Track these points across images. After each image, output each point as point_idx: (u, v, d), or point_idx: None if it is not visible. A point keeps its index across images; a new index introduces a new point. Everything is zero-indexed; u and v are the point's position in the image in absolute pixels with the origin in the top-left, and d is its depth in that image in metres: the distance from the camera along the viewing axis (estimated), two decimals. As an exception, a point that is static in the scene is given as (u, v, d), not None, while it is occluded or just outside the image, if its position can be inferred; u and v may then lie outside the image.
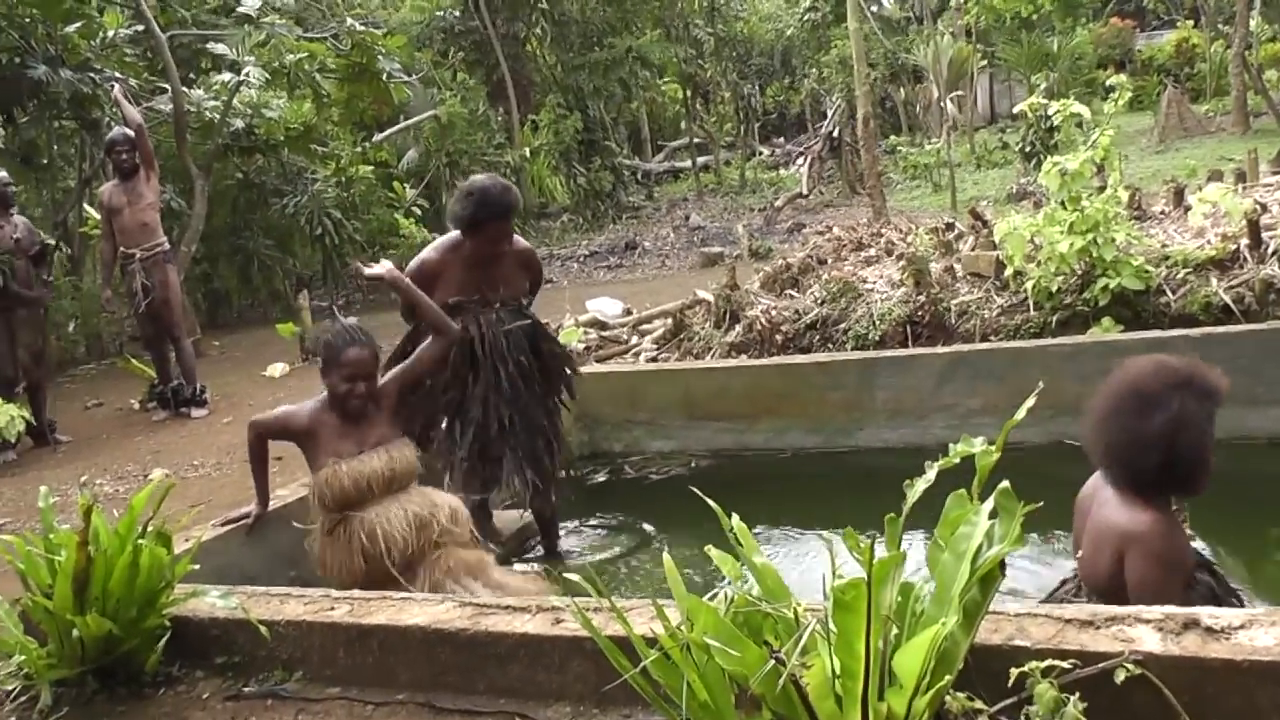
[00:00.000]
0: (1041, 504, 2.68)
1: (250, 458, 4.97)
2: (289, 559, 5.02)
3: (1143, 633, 2.63)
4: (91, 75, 13.49)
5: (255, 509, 5.05)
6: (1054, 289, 7.54)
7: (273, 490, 5.15)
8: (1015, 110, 10.93)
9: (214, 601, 3.68)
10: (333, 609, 3.62)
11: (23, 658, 3.65)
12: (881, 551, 2.48)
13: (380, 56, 18.14)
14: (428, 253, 5.80)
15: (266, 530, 5.07)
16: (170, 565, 3.76)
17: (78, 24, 13.67)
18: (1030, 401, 2.79)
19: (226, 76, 15.75)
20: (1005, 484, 2.66)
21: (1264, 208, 7.94)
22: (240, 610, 3.58)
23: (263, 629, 3.52)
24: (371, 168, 19.65)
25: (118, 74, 13.54)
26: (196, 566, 3.92)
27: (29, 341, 9.91)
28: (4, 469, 9.18)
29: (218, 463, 8.46)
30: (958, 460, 2.75)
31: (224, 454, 8.71)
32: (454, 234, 5.75)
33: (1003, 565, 2.63)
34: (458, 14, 26.97)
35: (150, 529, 3.78)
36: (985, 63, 29.92)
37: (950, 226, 9.75)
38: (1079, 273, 7.52)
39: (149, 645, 3.69)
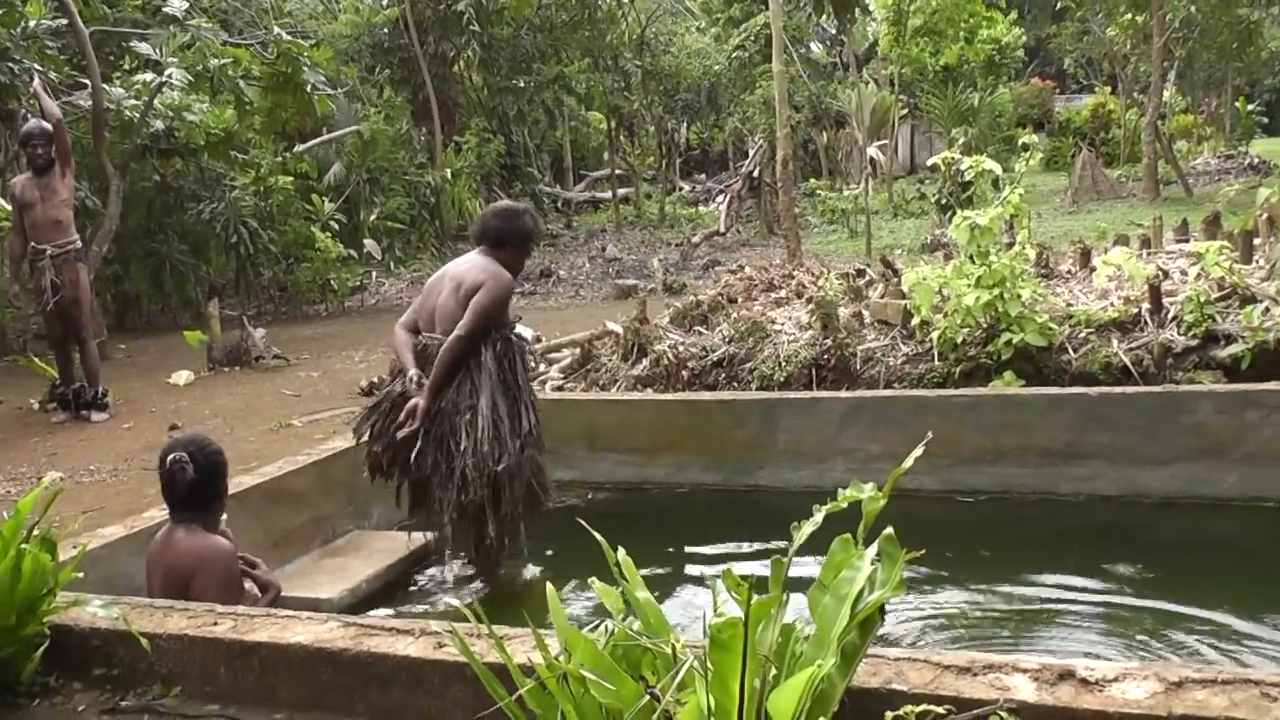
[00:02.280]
0: (924, 551, 2.71)
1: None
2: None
3: (1019, 681, 2.66)
4: (10, 65, 13.30)
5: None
6: (959, 340, 7.64)
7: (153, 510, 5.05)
8: (930, 163, 11.08)
9: (96, 611, 3.59)
10: (216, 624, 3.57)
11: (-107, 665, 3.57)
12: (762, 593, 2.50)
13: (305, 68, 18.06)
14: (507, 277, 5.89)
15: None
16: (54, 572, 3.67)
17: (-1, 11, 13.50)
18: (918, 451, 2.82)
19: (149, 76, 15.61)
20: (889, 530, 2.68)
21: (1165, 274, 8.11)
22: (122, 621, 3.51)
23: (144, 641, 3.46)
24: (291, 179, 19.47)
25: (37, 66, 13.35)
26: (81, 575, 3.84)
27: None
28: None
29: (114, 469, 8.33)
30: (845, 505, 2.77)
31: (121, 460, 8.58)
32: (489, 256, 5.97)
33: (883, 610, 2.66)
34: (387, 31, 26.88)
35: (36, 534, 3.70)
36: (907, 113, 30.29)
37: (861, 273, 9.86)
38: (984, 326, 7.63)
39: (26, 654, 3.60)
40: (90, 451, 9.05)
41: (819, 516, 2.73)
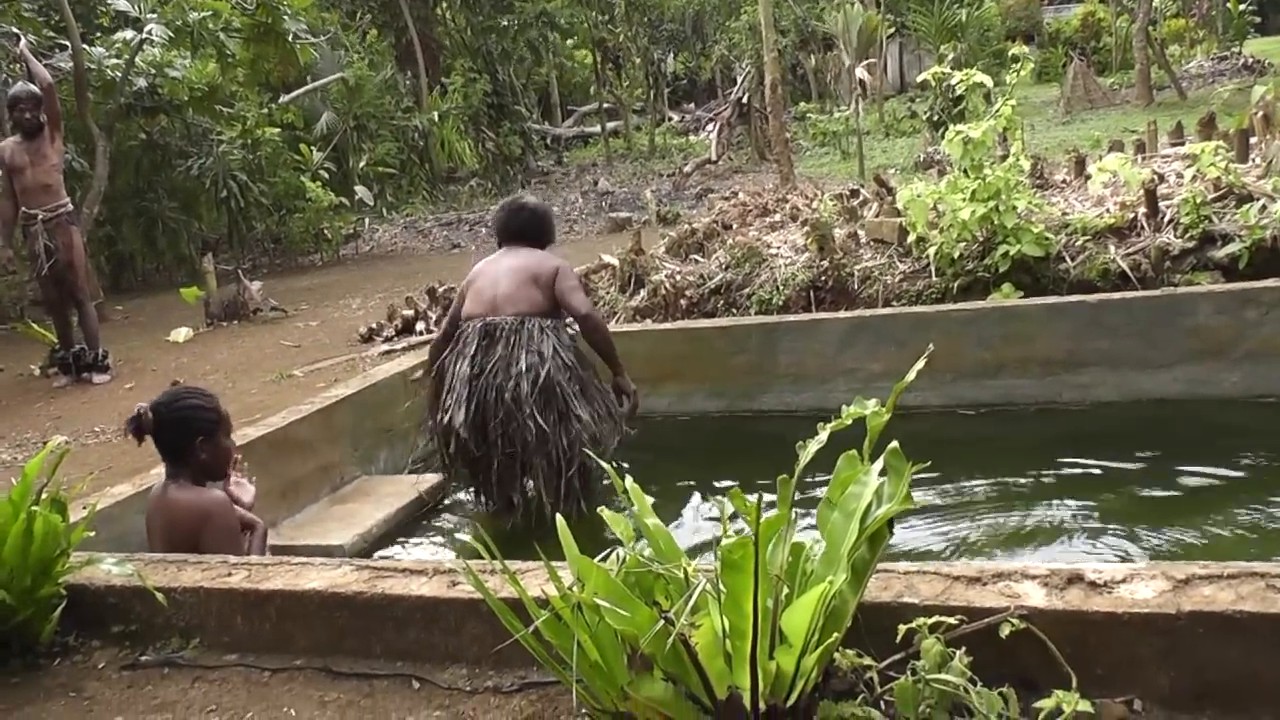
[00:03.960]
0: (930, 463, 2.72)
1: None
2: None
3: (1028, 588, 2.67)
4: (-12, 31, 13.22)
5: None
6: (956, 255, 7.63)
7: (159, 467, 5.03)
8: (920, 79, 11.04)
9: (109, 569, 3.60)
10: (230, 575, 3.58)
11: (-90, 631, 3.58)
12: (771, 511, 2.50)
13: (286, 17, 17.93)
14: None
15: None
16: (66, 532, 3.67)
17: (-27, -22, 13.41)
18: (920, 365, 2.81)
19: (128, 34, 15.51)
20: (894, 444, 2.68)
21: (1161, 178, 8.08)
22: (136, 577, 3.51)
23: (159, 596, 3.47)
24: (278, 130, 19.39)
25: (15, 29, 13.25)
26: (93, 533, 3.85)
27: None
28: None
29: (119, 429, 8.29)
30: (850, 422, 2.76)
31: (125, 420, 8.58)
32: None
33: (891, 524, 2.67)
34: (367, -25, 26.75)
35: (45, 496, 3.71)
36: (894, 32, 30.10)
37: (855, 193, 9.84)
38: (980, 239, 7.61)
39: (44, 615, 3.61)
40: (94, 413, 9.06)
41: (823, 435, 2.73)
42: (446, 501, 6.36)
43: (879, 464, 2.67)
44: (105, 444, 7.99)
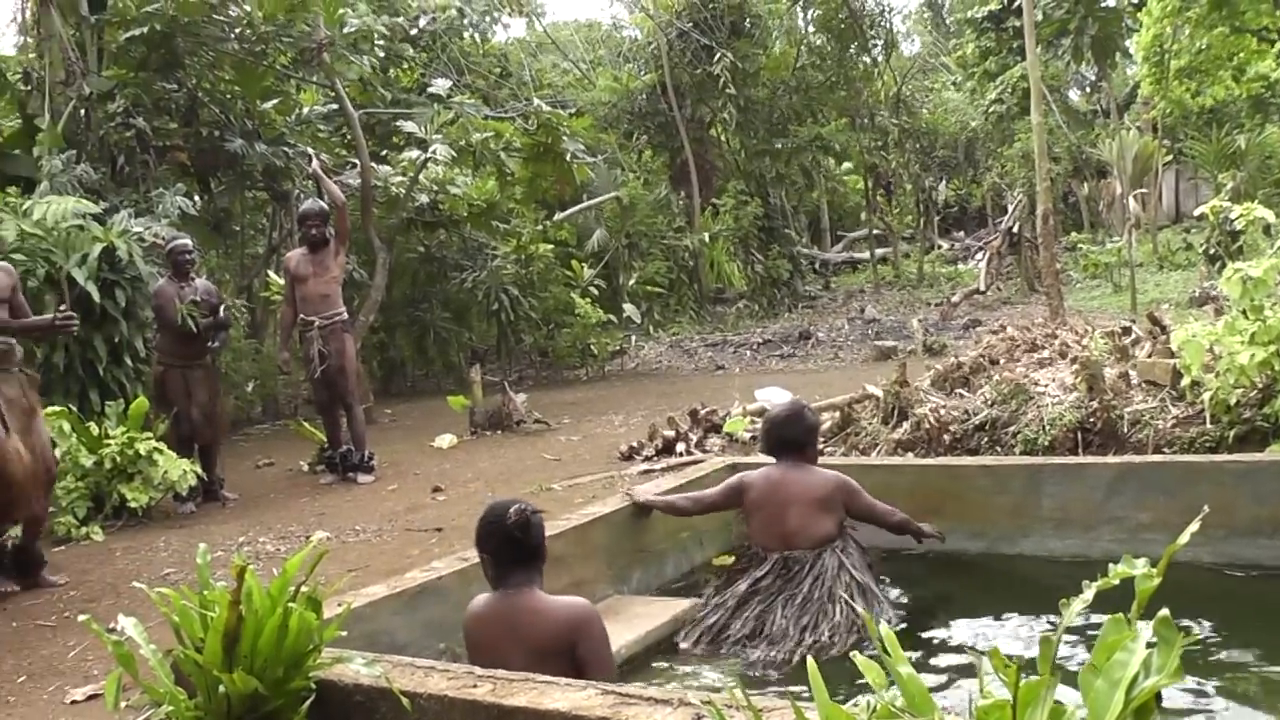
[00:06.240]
0: (1203, 637, 2.58)
1: None
2: (439, 631, 5.05)
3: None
4: (285, 149, 14.04)
5: None
6: (1232, 402, 7.31)
7: (429, 562, 5.14)
8: (1197, 212, 10.66)
9: (359, 668, 3.71)
10: (475, 686, 3.61)
11: (171, 708, 3.71)
12: (1029, 675, 2.41)
13: (565, 137, 18.51)
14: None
15: (418, 601, 5.13)
16: (319, 629, 3.80)
17: (275, 100, 14.31)
18: (1195, 526, 2.69)
19: (414, 153, 16.23)
20: (1165, 612, 2.56)
21: None
22: (384, 679, 3.60)
23: (405, 700, 3.53)
24: (551, 246, 19.93)
25: (310, 149, 14.02)
26: (345, 633, 3.97)
27: (203, 401, 10.18)
28: (176, 522, 9.45)
29: (379, 529, 8.58)
30: (1117, 581, 2.66)
31: (385, 521, 8.84)
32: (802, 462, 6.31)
33: (1159, 698, 2.54)
34: (645, 96, 27.39)
35: (302, 592, 3.84)
36: (1171, 159, 29.34)
37: (1127, 330, 9.56)
38: (1260, 386, 7.29)
39: (293, 706, 3.72)
40: (356, 512, 9.36)
41: (1089, 594, 2.64)
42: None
43: (1148, 631, 2.55)
44: (364, 542, 8.23)
